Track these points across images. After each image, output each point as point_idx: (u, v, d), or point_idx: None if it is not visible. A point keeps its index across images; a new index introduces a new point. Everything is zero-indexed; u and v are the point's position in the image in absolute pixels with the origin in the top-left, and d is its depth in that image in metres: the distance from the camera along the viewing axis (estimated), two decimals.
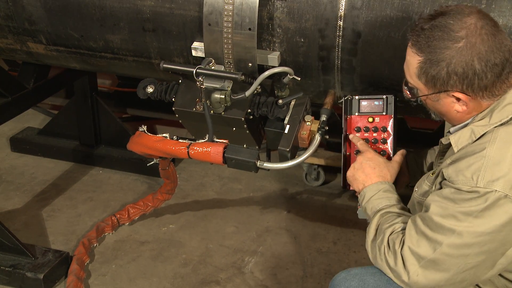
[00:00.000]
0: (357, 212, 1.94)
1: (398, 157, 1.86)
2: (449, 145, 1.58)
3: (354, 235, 2.74)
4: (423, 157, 2.02)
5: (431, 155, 2.02)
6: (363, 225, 1.97)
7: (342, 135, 1.97)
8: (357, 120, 1.96)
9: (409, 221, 1.53)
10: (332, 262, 2.58)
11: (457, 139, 1.51)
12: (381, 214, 1.63)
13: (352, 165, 1.79)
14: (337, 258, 2.61)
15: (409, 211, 1.68)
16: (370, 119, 1.95)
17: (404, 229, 1.54)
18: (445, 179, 1.49)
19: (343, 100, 1.98)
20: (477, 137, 1.48)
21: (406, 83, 1.59)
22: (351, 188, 1.94)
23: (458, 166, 1.45)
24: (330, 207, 2.96)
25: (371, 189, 1.71)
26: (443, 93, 1.49)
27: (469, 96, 1.47)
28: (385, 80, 2.03)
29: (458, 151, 1.50)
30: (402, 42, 1.90)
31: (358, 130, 1.95)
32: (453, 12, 1.47)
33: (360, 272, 1.60)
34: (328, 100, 2.10)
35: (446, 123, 1.75)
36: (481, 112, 1.51)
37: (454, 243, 1.43)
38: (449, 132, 1.64)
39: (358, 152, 1.93)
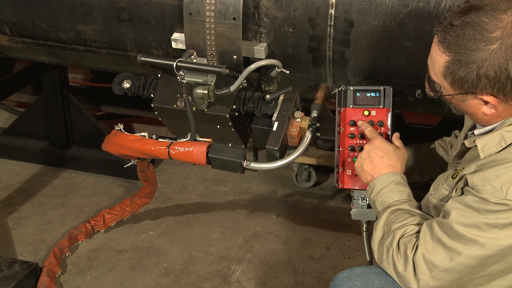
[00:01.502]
0: (351, 213, 1.96)
1: (399, 142, 1.85)
2: (471, 147, 1.58)
3: (348, 240, 2.76)
4: (422, 153, 2.05)
5: (430, 151, 2.04)
6: (358, 229, 1.99)
7: (335, 129, 1.98)
8: (351, 113, 1.97)
9: (424, 226, 1.53)
10: (325, 269, 2.60)
11: (484, 144, 1.50)
12: (391, 211, 1.64)
13: (359, 155, 1.79)
14: (331, 264, 2.63)
15: (421, 208, 1.68)
16: (366, 112, 1.97)
17: (417, 232, 1.55)
18: (468, 185, 1.49)
19: (336, 91, 1.99)
20: (507, 144, 1.47)
21: (429, 79, 1.57)
22: (345, 188, 1.96)
23: (486, 175, 1.44)
24: (322, 210, 2.97)
25: (381, 180, 1.72)
26: (470, 94, 1.48)
27: (500, 99, 1.46)
28: (380, 73, 2.05)
29: (485, 157, 1.48)
30: (399, 32, 1.92)
31: (353, 123, 1.97)
32: (488, 7, 1.41)
33: (364, 271, 1.61)
34: (319, 95, 2.11)
35: (466, 121, 1.75)
36: None
37: (476, 254, 1.44)
38: (472, 133, 1.63)
39: (352, 148, 1.95)
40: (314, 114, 2.03)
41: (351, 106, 1.97)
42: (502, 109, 1.49)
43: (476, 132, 1.60)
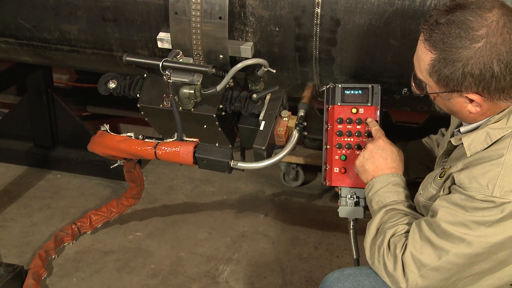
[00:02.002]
0: (338, 211, 1.98)
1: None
2: (457, 145, 1.60)
3: (336, 239, 2.78)
4: (408, 151, 2.06)
5: (417, 149, 2.05)
6: (346, 227, 2.00)
7: (323, 127, 1.99)
8: (339, 110, 1.99)
9: (413, 225, 1.55)
10: (314, 268, 2.61)
11: (470, 141, 1.51)
12: (387, 211, 1.65)
13: (361, 153, 1.79)
14: (319, 264, 2.64)
15: (414, 208, 1.69)
16: (354, 110, 1.98)
17: (407, 232, 1.56)
18: (455, 184, 1.49)
19: (324, 88, 2.01)
20: (493, 141, 1.48)
21: (415, 77, 1.59)
22: (333, 186, 1.97)
23: (472, 172, 1.45)
24: (310, 209, 2.99)
25: (380, 180, 1.73)
26: (455, 92, 1.49)
27: (485, 97, 1.47)
28: (367, 71, 2.07)
29: (471, 155, 1.50)
30: (385, 30, 1.94)
31: (341, 121, 1.98)
32: (473, 6, 1.42)
33: (354, 272, 1.62)
34: (306, 94, 2.12)
35: (452, 119, 1.76)
36: (497, 114, 1.50)
37: (463, 252, 1.45)
38: (458, 131, 1.64)
39: (340, 145, 1.96)
40: (301, 113, 2.04)
41: (339, 104, 1.99)
42: (487, 107, 1.50)
43: (462, 129, 1.61)
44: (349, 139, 1.97)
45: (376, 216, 1.66)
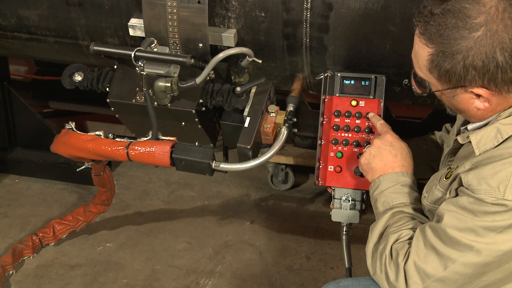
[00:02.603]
0: (331, 214, 2.00)
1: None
2: (465, 143, 1.62)
3: (331, 248, 2.80)
4: (410, 150, 2.08)
5: (419, 147, 2.08)
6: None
7: (319, 120, 2.01)
8: (337, 102, 2.01)
9: (417, 231, 1.56)
10: (306, 281, 2.64)
11: (479, 139, 1.53)
12: (393, 213, 1.68)
13: (367, 150, 1.81)
14: (312, 276, 2.66)
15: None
16: (354, 102, 2.01)
17: (412, 238, 1.58)
18: (463, 186, 1.50)
19: (322, 76, 2.03)
20: (504, 138, 1.49)
21: (415, 75, 1.61)
22: (327, 186, 1.99)
23: (481, 173, 1.46)
24: (301, 215, 3.01)
25: (388, 179, 1.75)
26: (459, 88, 1.51)
27: (492, 91, 1.48)
28: (363, 61, 2.09)
29: (480, 153, 1.51)
30: (382, 15, 1.96)
31: (338, 114, 2.00)
32: None
33: (352, 284, 1.65)
34: (296, 86, 2.14)
35: (458, 115, 1.78)
36: (508, 108, 1.52)
37: (471, 261, 1.47)
38: (466, 128, 1.66)
39: (336, 141, 1.98)
40: (291, 108, 2.06)
41: (337, 95, 2.01)
42: (496, 102, 1.52)
43: (470, 126, 1.63)
44: (346, 135, 1.99)
45: (381, 219, 1.68)
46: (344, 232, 2.01)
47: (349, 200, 1.98)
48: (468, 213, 1.47)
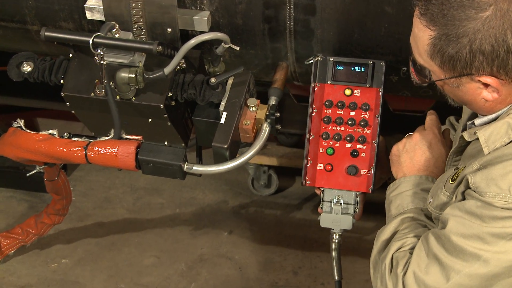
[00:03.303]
0: (319, 218, 2.01)
1: (450, 142, 1.87)
2: (472, 140, 1.63)
3: (321, 261, 2.82)
4: None
5: None
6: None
7: (308, 111, 2.01)
8: (329, 90, 2.01)
9: (420, 239, 1.59)
10: None
11: (488, 136, 1.54)
12: (403, 219, 1.70)
13: (404, 140, 1.83)
14: None
15: None
16: (348, 92, 2.01)
17: (414, 247, 1.60)
18: (470, 188, 1.52)
19: (312, 61, 2.03)
20: None
21: (414, 62, 1.62)
22: (315, 187, 2.01)
23: (490, 174, 1.48)
24: (287, 224, 3.02)
25: (410, 181, 1.77)
26: (465, 77, 1.52)
27: (502, 80, 1.49)
28: (355, 47, 2.10)
29: (489, 152, 1.53)
30: None
31: (330, 104, 2.01)
32: None
33: None
34: (279, 77, 2.15)
35: (464, 108, 1.80)
36: None
37: (478, 272, 1.49)
38: (473, 123, 1.68)
39: (327, 135, 1.99)
40: (273, 101, 2.07)
41: (329, 82, 2.02)
42: (506, 92, 1.53)
43: (477, 121, 1.65)
44: (339, 128, 2.01)
45: (389, 224, 1.71)
46: (334, 240, 2.03)
47: (340, 203, 1.99)
48: (475, 218, 1.49)
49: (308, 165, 2.01)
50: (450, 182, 1.62)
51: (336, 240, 2.03)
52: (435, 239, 1.54)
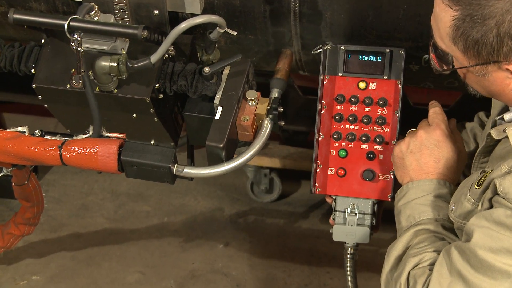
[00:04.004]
0: (332, 231, 2.02)
1: (459, 136, 1.88)
2: (501, 139, 1.64)
3: (331, 278, 2.82)
4: None
5: None
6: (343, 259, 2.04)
7: (317, 107, 2.02)
8: (340, 84, 2.03)
9: (441, 253, 1.60)
10: None
11: None
12: (416, 232, 1.71)
13: (407, 139, 1.83)
14: None
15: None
16: (362, 85, 2.03)
17: (435, 263, 1.60)
18: (498, 195, 1.53)
19: (320, 49, 2.04)
20: None
21: (435, 47, 1.64)
22: (326, 194, 2.01)
23: None
24: (291, 235, 3.02)
25: (419, 187, 1.78)
26: (491, 64, 1.53)
27: None
28: (369, 32, 2.11)
29: None
30: None
31: (342, 100, 2.02)
32: None
33: None
34: (282, 66, 2.16)
35: (494, 102, 1.81)
36: None
37: None
38: (502, 119, 1.69)
39: (339, 135, 1.99)
40: (275, 94, 2.07)
41: (340, 75, 2.03)
42: None
43: (507, 117, 1.67)
44: (352, 127, 2.02)
45: (401, 237, 1.71)
46: (348, 256, 2.04)
47: (355, 213, 2.00)
48: (504, 229, 1.50)
49: (317, 170, 2.02)
50: (476, 187, 1.62)
51: (351, 256, 2.04)
52: (458, 253, 1.55)
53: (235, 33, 2.04)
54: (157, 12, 2.05)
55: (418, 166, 1.81)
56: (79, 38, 1.90)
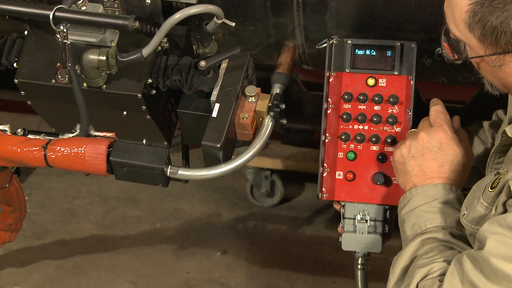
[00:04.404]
0: (341, 240, 2.02)
1: (464, 135, 1.89)
2: None
3: None
4: None
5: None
6: (352, 269, 2.05)
7: (322, 107, 2.03)
8: (348, 81, 2.04)
9: (452, 262, 1.60)
10: None
11: None
12: (423, 241, 1.71)
13: (407, 142, 1.83)
14: None
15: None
16: (371, 81, 2.04)
17: (445, 273, 1.60)
18: None
19: (325, 44, 2.05)
20: None
21: (447, 34, 1.64)
22: (334, 200, 2.02)
23: None
24: (294, 241, 3.02)
25: (423, 193, 1.78)
26: (510, 54, 1.53)
27: None
28: (378, 22, 2.11)
29: None
30: None
31: (349, 98, 2.03)
32: None
33: None
34: (284, 59, 2.16)
35: (511, 99, 1.82)
36: None
37: None
38: None
39: (347, 136, 2.00)
40: (277, 89, 2.07)
41: (347, 71, 2.04)
42: None
43: None
44: (361, 127, 2.02)
45: (407, 247, 1.72)
46: (359, 266, 2.04)
47: (366, 220, 2.00)
48: None
49: (324, 174, 2.02)
50: (489, 189, 1.63)
51: (362, 266, 2.04)
52: (471, 262, 1.55)
53: (233, 24, 2.04)
54: (149, 1, 2.06)
55: (421, 171, 1.81)
56: (65, 30, 1.91)
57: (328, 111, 2.03)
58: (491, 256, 1.52)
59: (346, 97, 2.02)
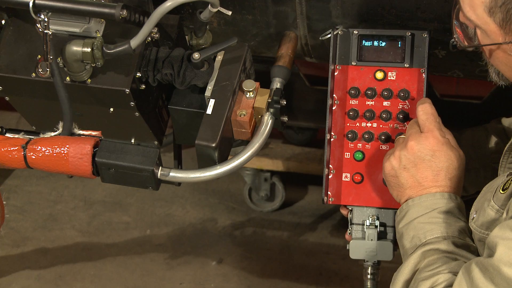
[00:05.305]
0: (348, 247, 2.03)
1: (450, 134, 1.88)
2: None
3: None
4: (464, 147, 2.11)
5: (477, 143, 2.13)
6: (360, 278, 2.05)
7: (327, 103, 2.03)
8: (354, 74, 2.05)
9: (460, 271, 1.60)
10: None
11: None
12: (424, 253, 1.71)
13: (397, 153, 1.82)
14: None
15: (477, 252, 1.74)
16: (380, 75, 2.04)
17: (452, 285, 1.61)
18: None
19: (329, 34, 2.06)
20: None
21: (459, 18, 1.65)
22: (340, 205, 2.02)
23: None
24: (296, 249, 3.03)
25: (420, 203, 1.78)
26: None
27: None
28: (387, 11, 2.12)
29: None
30: None
31: (356, 93, 2.04)
32: None
33: None
34: (285, 51, 2.17)
35: None
36: None
37: None
38: None
39: (354, 135, 2.01)
40: (277, 84, 2.08)
41: (354, 64, 2.05)
42: None
43: None
44: (369, 124, 2.03)
45: (407, 261, 1.72)
46: (369, 276, 2.04)
47: (376, 226, 2.00)
48: None
49: (330, 176, 2.03)
50: (501, 191, 1.64)
51: (372, 276, 2.04)
52: (480, 271, 1.56)
53: (229, 12, 2.04)
54: None
55: (415, 183, 1.81)
56: (46, 19, 1.91)
57: (333, 108, 2.04)
58: (502, 264, 1.52)
59: (352, 92, 2.03)
